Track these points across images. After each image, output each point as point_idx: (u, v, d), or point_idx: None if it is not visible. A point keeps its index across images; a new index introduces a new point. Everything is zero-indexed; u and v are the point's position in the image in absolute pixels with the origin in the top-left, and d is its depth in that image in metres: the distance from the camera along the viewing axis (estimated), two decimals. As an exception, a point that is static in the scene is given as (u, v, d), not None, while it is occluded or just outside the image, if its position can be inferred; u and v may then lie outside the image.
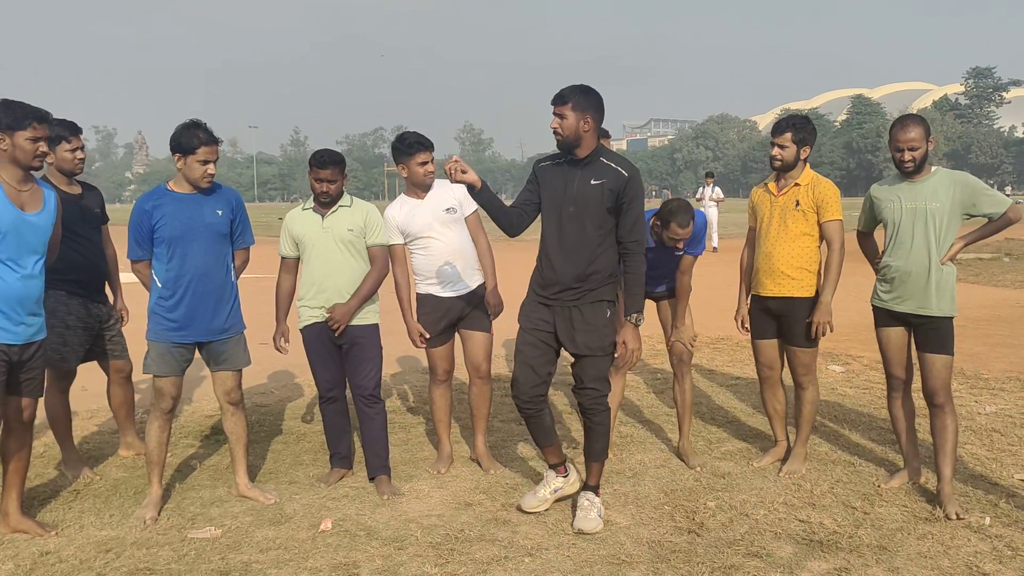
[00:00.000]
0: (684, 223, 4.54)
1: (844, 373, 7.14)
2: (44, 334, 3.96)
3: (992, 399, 6.20)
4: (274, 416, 6.04)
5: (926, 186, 4.20)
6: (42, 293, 3.90)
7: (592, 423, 4.08)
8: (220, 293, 4.21)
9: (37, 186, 3.89)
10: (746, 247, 4.87)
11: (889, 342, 4.40)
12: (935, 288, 4.15)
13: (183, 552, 3.75)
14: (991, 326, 9.28)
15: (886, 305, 4.34)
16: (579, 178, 3.89)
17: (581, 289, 3.92)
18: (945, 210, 4.14)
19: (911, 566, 3.55)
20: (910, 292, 4.21)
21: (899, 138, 4.18)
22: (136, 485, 4.57)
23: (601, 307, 3.96)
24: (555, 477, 4.21)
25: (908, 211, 4.22)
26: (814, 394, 4.71)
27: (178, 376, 4.21)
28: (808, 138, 4.53)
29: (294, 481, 4.69)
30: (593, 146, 3.91)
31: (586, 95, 3.85)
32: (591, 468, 4.15)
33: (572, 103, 3.82)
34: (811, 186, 4.53)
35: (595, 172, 3.88)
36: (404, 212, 4.66)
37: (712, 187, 20.14)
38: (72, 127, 4.72)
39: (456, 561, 3.64)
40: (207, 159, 4.08)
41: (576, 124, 3.82)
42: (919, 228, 4.18)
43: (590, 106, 3.85)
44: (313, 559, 3.68)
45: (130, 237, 4.16)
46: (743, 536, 3.87)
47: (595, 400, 4.02)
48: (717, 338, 8.70)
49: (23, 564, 3.63)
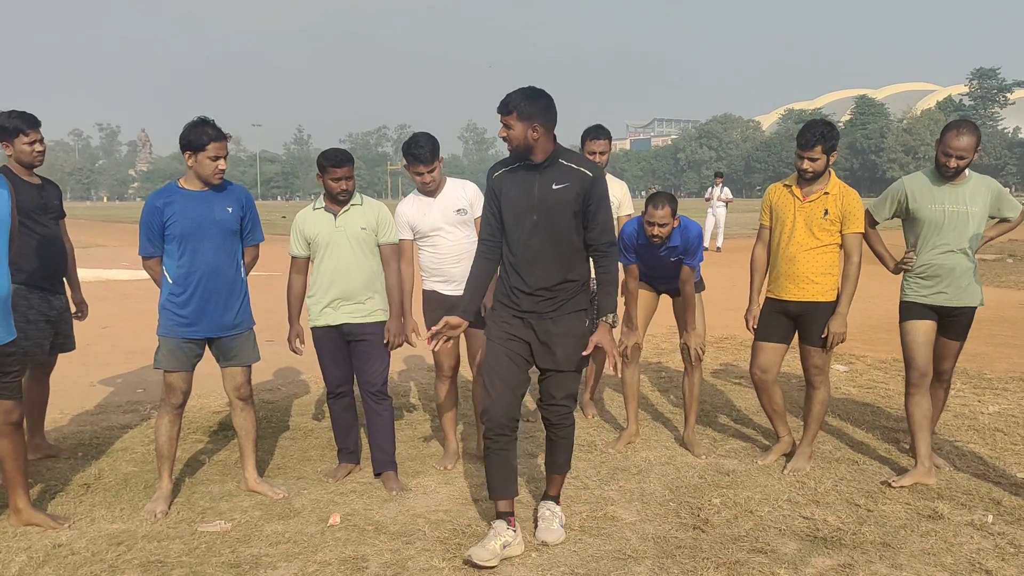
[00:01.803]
0: (658, 205, 4.65)
1: (848, 372, 7.17)
2: (14, 335, 3.91)
3: (995, 399, 6.23)
4: (281, 412, 6.08)
5: (966, 190, 4.42)
6: (9, 292, 3.86)
7: (557, 437, 3.91)
8: (230, 290, 4.25)
9: None
10: (758, 245, 4.86)
11: (918, 333, 4.51)
12: (972, 281, 4.48)
13: (194, 545, 3.79)
14: (994, 326, 9.30)
15: (925, 300, 4.50)
16: (539, 184, 3.65)
17: (556, 300, 3.71)
18: (983, 214, 4.45)
19: (914, 563, 3.58)
20: (953, 286, 4.46)
21: (952, 144, 4.30)
22: (146, 479, 4.62)
23: (579, 317, 3.77)
24: (506, 528, 3.73)
25: (951, 214, 4.42)
26: (825, 394, 4.74)
27: (188, 372, 4.24)
28: (835, 144, 4.55)
29: (302, 476, 4.73)
30: (549, 149, 3.66)
31: (531, 101, 3.58)
32: (552, 479, 4.02)
33: (517, 112, 3.58)
34: (840, 196, 4.53)
35: (556, 176, 3.64)
36: (415, 209, 4.71)
37: (721, 187, 20.11)
38: (30, 120, 4.72)
39: (464, 556, 3.68)
40: (217, 155, 4.12)
41: (524, 133, 3.59)
42: (961, 229, 4.42)
43: (536, 112, 3.58)
44: (322, 553, 3.72)
45: (141, 234, 4.20)
46: (748, 532, 3.91)
47: (563, 416, 3.86)
48: (721, 337, 8.73)
49: (36, 556, 3.68)
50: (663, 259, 4.90)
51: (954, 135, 4.28)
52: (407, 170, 4.69)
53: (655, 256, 4.90)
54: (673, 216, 4.69)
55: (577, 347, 3.73)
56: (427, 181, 4.61)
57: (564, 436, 3.91)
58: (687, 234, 4.81)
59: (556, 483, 4.02)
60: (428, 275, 4.78)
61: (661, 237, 4.71)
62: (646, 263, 4.98)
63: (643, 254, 4.93)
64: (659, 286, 5.17)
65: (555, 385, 3.82)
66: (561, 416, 3.86)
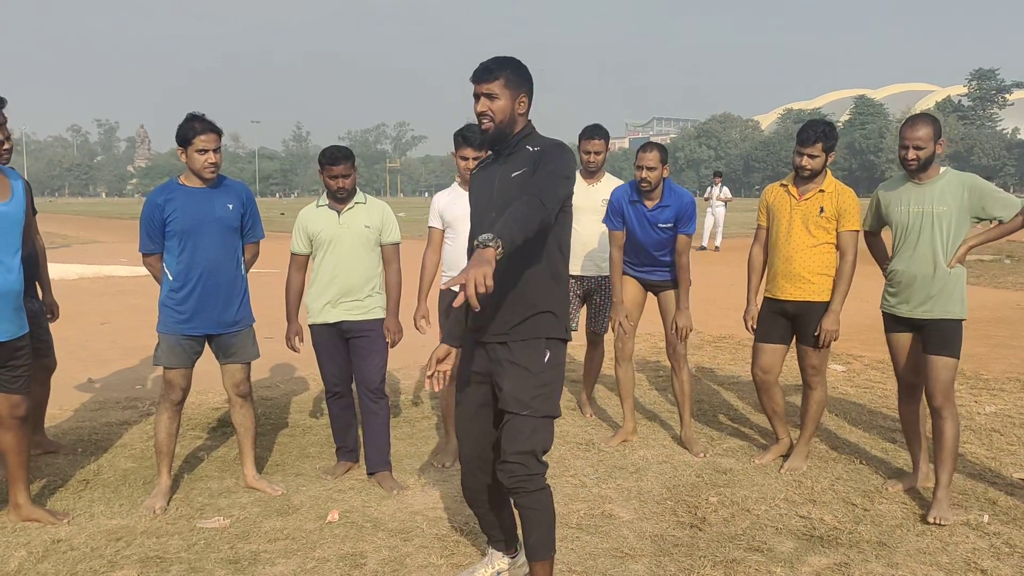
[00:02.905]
0: (647, 148, 4.85)
1: (845, 372, 7.19)
2: (26, 329, 3.97)
3: (992, 399, 6.25)
4: (279, 409, 6.10)
5: (933, 189, 4.13)
6: (23, 287, 3.91)
7: (519, 506, 3.03)
8: (230, 286, 4.26)
9: (1, 175, 3.88)
10: (755, 245, 4.88)
11: (898, 347, 4.38)
12: (940, 291, 4.10)
13: (192, 541, 3.81)
14: (992, 327, 9.33)
15: (893, 310, 4.31)
16: (500, 174, 3.05)
17: (509, 322, 2.99)
18: (953, 214, 4.08)
19: (910, 562, 3.60)
20: (914, 296, 4.17)
21: (906, 135, 4.13)
22: (145, 475, 4.63)
23: (536, 345, 2.99)
24: (501, 557, 3.43)
25: (915, 215, 4.16)
26: (822, 395, 4.75)
27: (188, 368, 4.25)
28: (834, 144, 4.58)
29: (300, 473, 4.74)
30: (518, 130, 3.06)
31: (518, 70, 3.02)
32: (533, 569, 3.09)
33: (504, 79, 2.97)
34: (835, 194, 4.55)
35: (517, 162, 3.01)
36: (449, 198, 4.77)
37: (720, 187, 20.14)
38: None
39: (461, 553, 3.69)
40: (204, 147, 4.10)
41: (511, 105, 3.00)
42: (926, 232, 4.12)
43: (525, 81, 3.03)
44: (320, 549, 3.73)
45: (142, 230, 4.21)
46: (744, 531, 3.92)
47: (518, 479, 2.96)
48: (719, 336, 8.74)
49: (35, 551, 3.69)
50: (654, 226, 4.89)
51: (909, 126, 4.14)
52: (453, 156, 4.72)
53: (646, 223, 4.88)
54: (663, 163, 4.84)
55: (527, 383, 2.95)
56: (472, 168, 4.63)
57: (527, 505, 3.00)
58: (681, 198, 4.89)
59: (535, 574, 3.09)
60: (445, 269, 4.82)
61: (650, 182, 4.81)
62: (636, 233, 4.94)
63: (634, 220, 4.93)
64: (647, 275, 5.13)
65: (507, 434, 2.98)
66: (516, 479, 2.96)
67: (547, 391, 3.00)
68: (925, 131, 4.08)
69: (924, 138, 4.07)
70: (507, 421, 2.99)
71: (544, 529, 3.04)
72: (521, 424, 2.96)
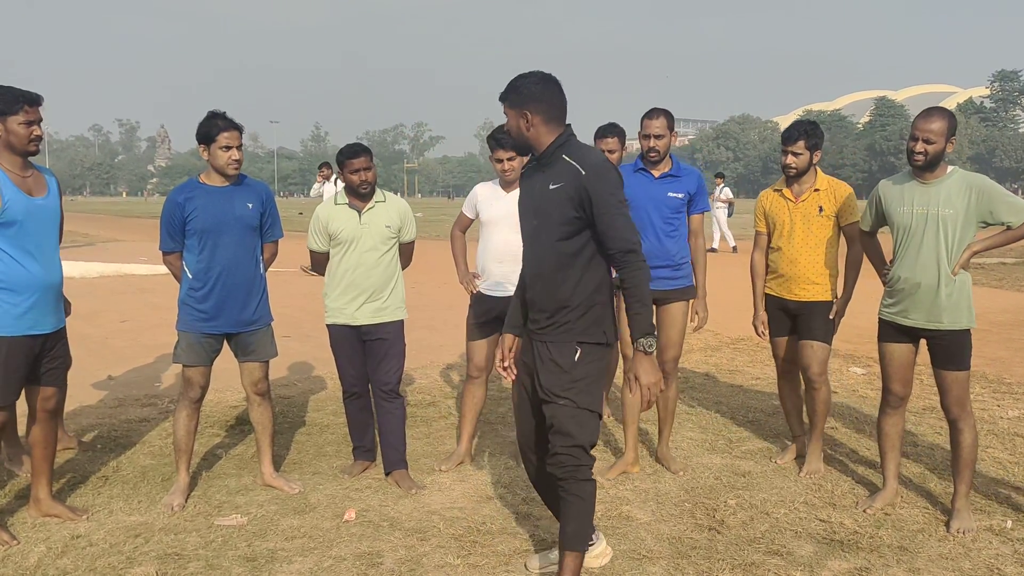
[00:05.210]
0: (652, 115, 4.64)
1: (865, 375, 7.13)
2: (63, 322, 4.07)
3: (1015, 403, 6.17)
4: (297, 408, 6.11)
5: (939, 190, 3.87)
6: (61, 281, 3.99)
7: (566, 492, 3.21)
8: (249, 285, 4.27)
9: (37, 171, 3.94)
10: (755, 252, 4.88)
11: (892, 357, 4.12)
12: (946, 300, 3.87)
13: (210, 539, 3.82)
14: (1014, 331, 9.22)
15: (894, 318, 4.05)
16: (540, 183, 3.22)
17: (551, 321, 3.22)
18: (959, 217, 3.82)
19: (932, 567, 3.56)
20: (919, 305, 3.93)
21: (918, 126, 3.86)
22: (163, 472, 4.65)
23: (568, 346, 3.18)
24: None
25: (918, 216, 3.91)
26: (826, 393, 4.72)
27: (207, 366, 4.27)
28: (819, 142, 4.57)
29: (318, 472, 4.75)
30: (548, 142, 3.21)
31: (522, 85, 3.19)
32: (563, 562, 3.22)
33: (508, 101, 3.22)
34: (831, 190, 4.56)
35: (554, 174, 3.17)
36: (489, 193, 4.77)
37: (721, 188, 20.08)
38: None
39: (478, 553, 3.69)
40: (228, 144, 4.14)
41: (516, 123, 3.21)
42: (929, 236, 3.87)
43: (528, 99, 3.17)
44: (337, 548, 3.73)
45: (162, 229, 4.24)
46: (763, 534, 3.89)
47: (569, 470, 3.18)
48: (737, 338, 8.69)
49: (55, 547, 3.71)
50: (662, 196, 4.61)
51: (923, 117, 3.87)
52: (490, 159, 4.74)
53: (653, 192, 4.62)
54: (670, 130, 4.66)
55: (559, 377, 3.17)
56: (507, 169, 4.61)
57: (573, 492, 3.19)
58: (690, 175, 4.75)
59: (569, 568, 3.22)
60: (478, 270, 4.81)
61: (658, 151, 4.62)
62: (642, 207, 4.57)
63: (639, 192, 4.57)
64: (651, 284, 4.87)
65: (554, 428, 3.21)
66: (566, 470, 3.19)
67: (581, 385, 3.18)
68: (939, 124, 3.82)
69: (937, 131, 3.81)
70: (549, 414, 3.21)
71: (583, 520, 3.23)
72: (560, 414, 3.18)
